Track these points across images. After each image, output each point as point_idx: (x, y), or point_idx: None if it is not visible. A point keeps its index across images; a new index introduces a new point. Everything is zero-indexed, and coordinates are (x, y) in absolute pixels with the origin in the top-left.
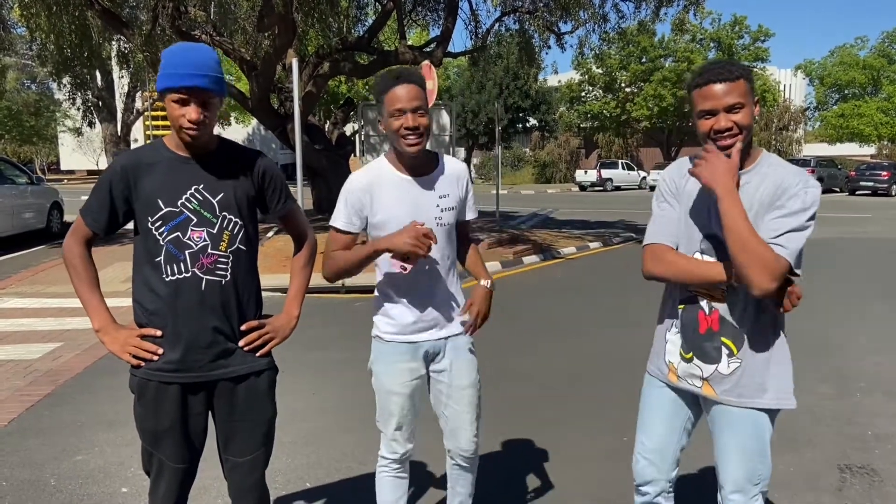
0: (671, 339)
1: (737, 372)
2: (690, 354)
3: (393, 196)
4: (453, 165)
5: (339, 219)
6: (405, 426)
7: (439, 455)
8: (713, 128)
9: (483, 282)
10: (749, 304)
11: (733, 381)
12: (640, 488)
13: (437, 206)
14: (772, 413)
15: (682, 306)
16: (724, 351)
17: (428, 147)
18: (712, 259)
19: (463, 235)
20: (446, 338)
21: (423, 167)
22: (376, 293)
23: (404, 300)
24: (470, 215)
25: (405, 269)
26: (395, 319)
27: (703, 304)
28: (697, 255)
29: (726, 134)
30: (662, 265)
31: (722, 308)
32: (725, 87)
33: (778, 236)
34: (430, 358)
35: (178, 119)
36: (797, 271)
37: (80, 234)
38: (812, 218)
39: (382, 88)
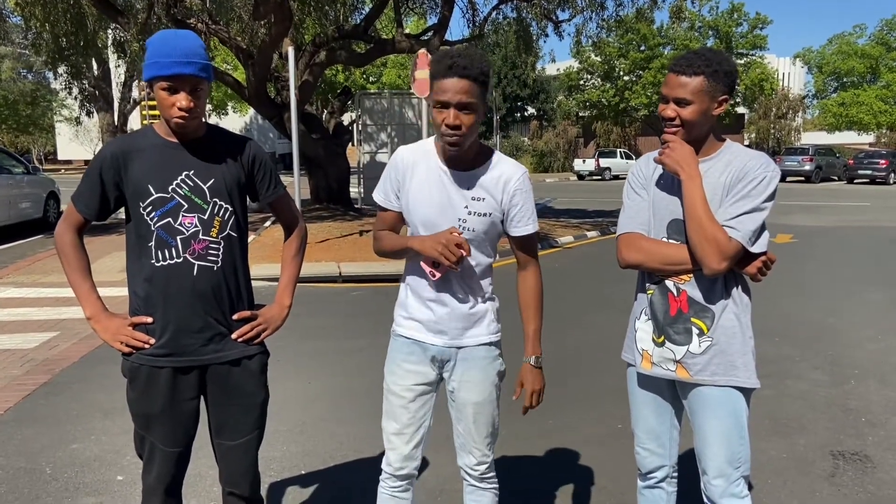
0: (641, 327)
1: (709, 351)
2: (662, 338)
3: (422, 182)
4: (503, 168)
5: (378, 192)
6: (405, 436)
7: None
8: (660, 114)
9: (531, 359)
10: (717, 282)
11: (706, 360)
12: (647, 475)
13: (466, 206)
14: (746, 393)
15: (650, 291)
16: (695, 331)
17: (426, 137)
18: (679, 242)
19: (518, 257)
20: (458, 347)
21: (466, 162)
22: (401, 283)
23: (419, 296)
24: (519, 230)
25: (434, 275)
26: (407, 312)
27: (671, 285)
28: (664, 240)
29: (669, 123)
30: (637, 252)
31: (690, 289)
32: (680, 79)
33: (732, 219)
34: (439, 364)
35: (168, 108)
36: (754, 250)
37: (72, 221)
38: (769, 200)
39: (433, 73)
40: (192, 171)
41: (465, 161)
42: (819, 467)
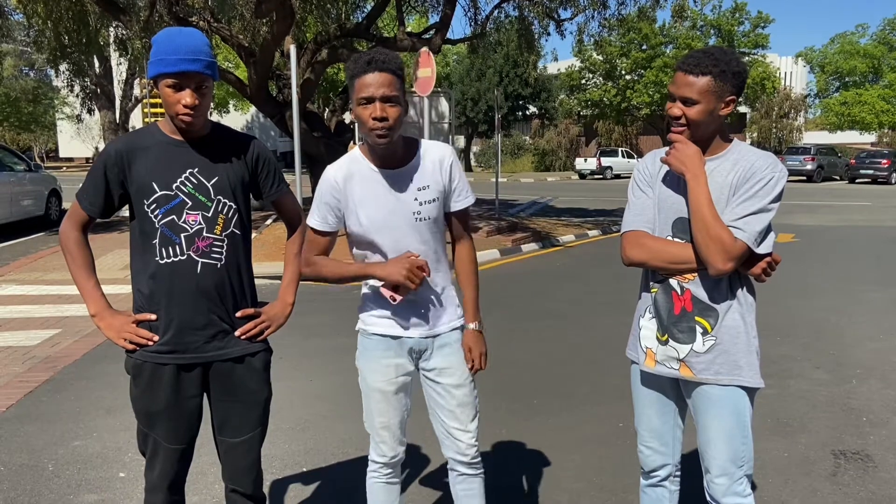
0: (645, 325)
1: (713, 350)
2: (666, 337)
3: (366, 192)
4: (434, 151)
5: (313, 217)
6: (393, 427)
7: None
8: (667, 112)
9: (472, 325)
10: (722, 281)
11: (709, 359)
12: (650, 474)
13: (416, 199)
14: (750, 392)
15: (654, 289)
16: (699, 330)
17: (427, 135)
18: (684, 241)
19: (455, 231)
20: (434, 336)
21: (398, 158)
22: (363, 288)
23: (384, 299)
24: (460, 204)
25: (395, 299)
26: (378, 312)
27: (675, 284)
28: (669, 238)
29: (675, 122)
30: (642, 250)
31: (694, 288)
32: (688, 78)
33: (738, 219)
34: (416, 355)
35: (173, 105)
36: (760, 251)
37: (77, 219)
38: (776, 201)
39: (352, 73)
40: (195, 169)
41: (397, 158)
42: (820, 466)
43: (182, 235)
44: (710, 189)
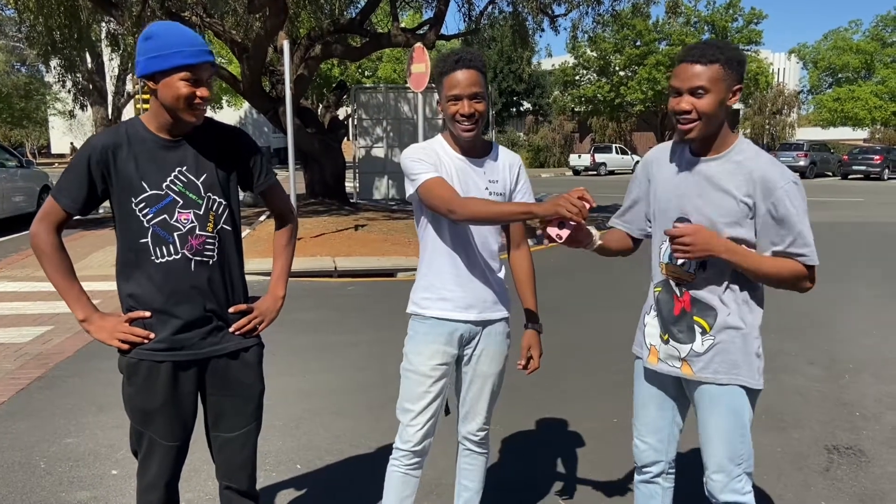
0: (650, 322)
1: (711, 349)
2: (667, 336)
3: (451, 166)
4: (507, 155)
5: (421, 165)
6: (427, 413)
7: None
8: (674, 108)
9: (532, 325)
10: (721, 282)
11: (708, 359)
12: (642, 469)
13: (486, 189)
14: (750, 393)
15: (657, 289)
16: (698, 329)
17: (422, 131)
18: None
19: (514, 236)
20: (484, 322)
21: (476, 150)
22: (420, 270)
23: (449, 275)
24: None
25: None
26: (435, 294)
27: (674, 285)
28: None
29: (685, 117)
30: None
31: (693, 289)
32: (695, 68)
33: (792, 244)
34: (464, 342)
35: (186, 97)
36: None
37: (52, 219)
38: (804, 201)
39: (441, 71)
40: (184, 167)
41: (477, 149)
42: (814, 461)
43: (175, 234)
44: (716, 197)
